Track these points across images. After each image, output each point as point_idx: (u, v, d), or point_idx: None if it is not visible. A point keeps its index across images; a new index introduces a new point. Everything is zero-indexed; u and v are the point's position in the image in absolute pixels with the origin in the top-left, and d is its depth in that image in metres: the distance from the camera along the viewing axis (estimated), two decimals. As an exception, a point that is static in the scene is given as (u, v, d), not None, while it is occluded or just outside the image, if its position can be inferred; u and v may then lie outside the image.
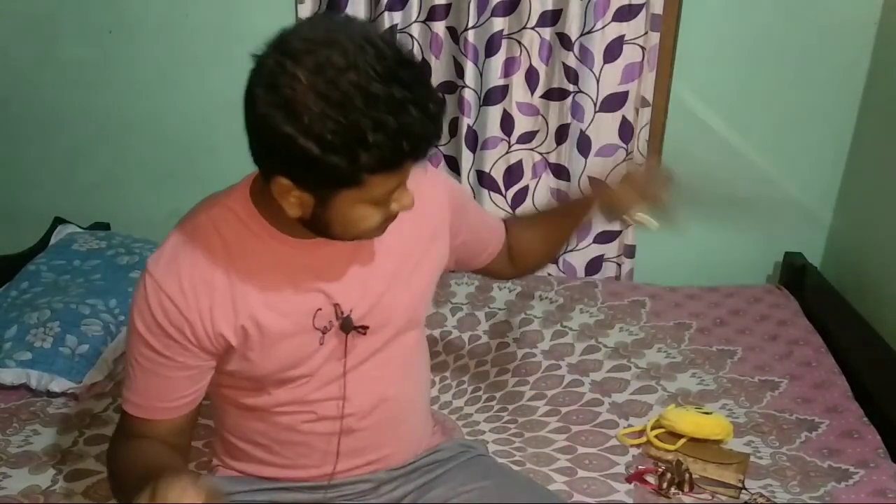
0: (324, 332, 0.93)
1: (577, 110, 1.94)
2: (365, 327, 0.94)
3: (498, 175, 2.04)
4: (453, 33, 1.94)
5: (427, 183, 0.98)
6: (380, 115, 0.72)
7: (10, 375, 1.55)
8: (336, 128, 0.72)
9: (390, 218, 0.87)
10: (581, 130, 1.96)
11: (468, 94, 1.95)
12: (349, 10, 1.93)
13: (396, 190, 0.83)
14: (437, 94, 0.78)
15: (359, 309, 0.94)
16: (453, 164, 2.07)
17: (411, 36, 1.95)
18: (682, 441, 1.37)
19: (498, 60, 1.91)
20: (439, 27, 1.94)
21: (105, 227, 2.18)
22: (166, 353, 0.89)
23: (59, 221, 2.09)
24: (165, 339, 0.89)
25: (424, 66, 0.83)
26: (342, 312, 0.93)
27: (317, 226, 0.85)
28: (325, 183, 0.78)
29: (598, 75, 1.90)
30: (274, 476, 1.02)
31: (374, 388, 0.98)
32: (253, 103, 0.76)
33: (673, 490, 1.26)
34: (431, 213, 1.00)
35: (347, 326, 0.93)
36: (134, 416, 0.94)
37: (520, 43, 1.91)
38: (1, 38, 2.11)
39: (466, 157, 2.03)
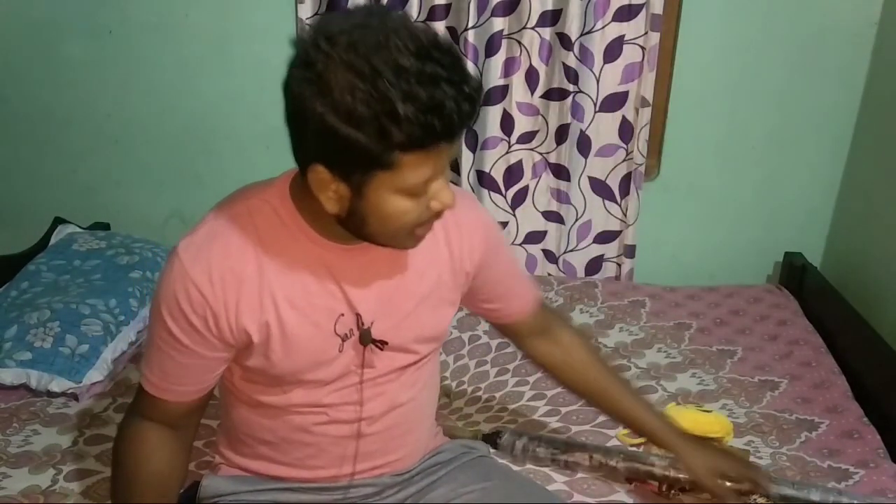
0: (343, 340, 0.92)
1: (577, 110, 1.94)
2: (384, 342, 0.93)
3: (498, 175, 2.04)
4: (453, 33, 1.94)
5: (466, 208, 0.97)
6: (410, 88, 0.71)
7: (10, 375, 1.55)
8: (366, 99, 0.71)
9: (430, 219, 0.84)
10: (581, 130, 1.96)
11: (468, 94, 1.95)
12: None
13: (433, 182, 0.80)
14: (474, 78, 0.76)
15: (381, 323, 0.93)
16: (453, 165, 2.07)
17: (411, 36, 1.95)
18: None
19: (498, 60, 1.91)
20: (439, 27, 1.94)
21: (105, 227, 2.18)
22: (185, 340, 0.88)
23: (59, 221, 2.09)
24: (187, 327, 0.87)
25: (459, 53, 0.81)
26: (362, 323, 0.92)
27: (354, 222, 0.83)
28: (357, 165, 0.76)
29: (598, 75, 1.90)
30: (279, 475, 1.01)
31: (387, 394, 0.98)
32: (289, 84, 0.76)
33: (673, 491, 1.26)
34: (465, 242, 0.98)
35: (366, 338, 0.92)
36: (149, 393, 0.94)
37: (520, 43, 1.91)
38: (1, 39, 2.11)
39: (466, 157, 2.03)
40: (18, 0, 2.07)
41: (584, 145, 1.97)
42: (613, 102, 1.93)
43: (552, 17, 1.88)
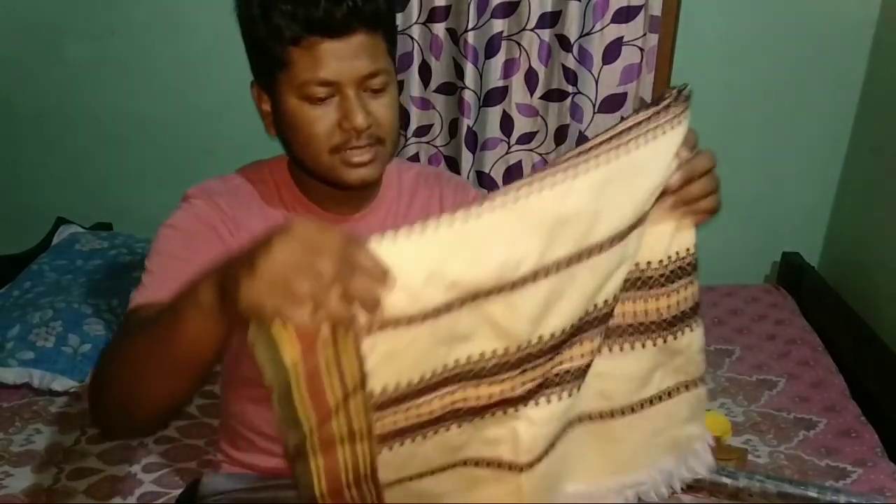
0: None
1: (576, 111, 1.95)
2: None
3: (497, 176, 2.05)
4: (453, 35, 1.95)
5: (454, 188, 1.00)
6: None
7: (13, 375, 1.56)
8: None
9: (347, 140, 0.84)
10: (580, 131, 1.97)
11: (468, 96, 1.96)
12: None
13: (338, 97, 0.83)
14: None
15: None
16: (453, 165, 2.08)
17: (412, 37, 1.96)
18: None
19: (497, 62, 1.92)
20: (439, 29, 1.95)
21: (107, 227, 2.18)
22: (192, 242, 0.87)
23: (61, 221, 2.09)
24: (198, 225, 0.88)
25: None
26: None
27: (287, 147, 0.90)
28: (265, 67, 0.85)
29: (597, 77, 1.91)
30: (276, 467, 1.02)
31: None
32: None
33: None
34: None
35: None
36: (141, 304, 0.80)
37: (519, 44, 1.92)
38: (3, 39, 2.12)
39: (466, 158, 2.04)
40: (20, 1, 2.08)
41: (583, 146, 1.98)
42: (612, 104, 1.94)
43: (551, 19, 1.89)
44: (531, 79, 1.95)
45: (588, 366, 0.71)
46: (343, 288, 0.51)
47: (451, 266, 0.57)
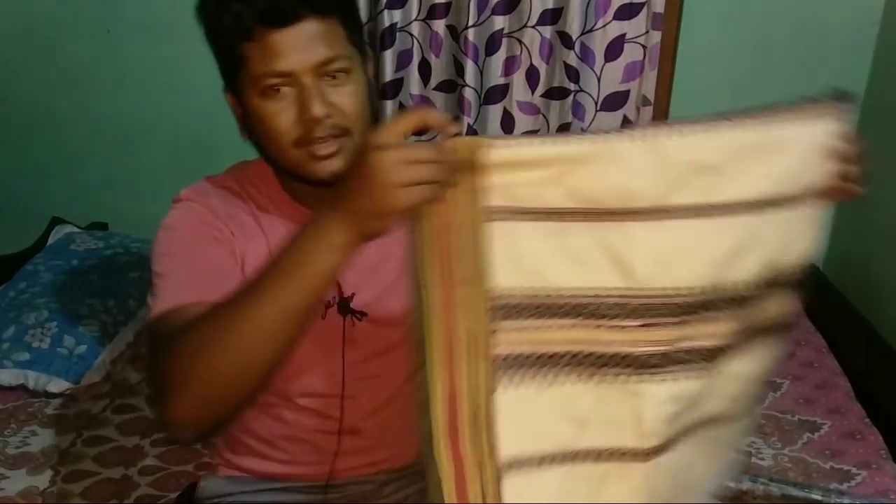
0: (327, 308, 0.92)
1: (577, 109, 1.94)
2: (363, 314, 0.93)
3: (498, 174, 2.04)
4: (453, 32, 1.94)
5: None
6: None
7: (8, 376, 1.55)
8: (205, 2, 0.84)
9: (310, 133, 0.83)
10: (582, 129, 1.95)
11: (468, 93, 1.94)
12: (349, 9, 1.93)
13: (296, 87, 0.82)
14: None
15: (363, 294, 0.93)
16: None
17: (411, 34, 1.95)
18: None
19: (498, 59, 1.91)
20: (439, 25, 1.93)
21: (103, 227, 2.17)
22: (197, 240, 0.88)
23: (57, 221, 2.08)
24: (197, 223, 0.89)
25: None
26: (343, 292, 0.92)
27: (260, 148, 0.89)
28: (226, 67, 0.87)
29: (599, 74, 1.90)
30: (273, 472, 1.01)
31: (379, 387, 0.97)
32: None
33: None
34: None
35: (345, 308, 0.92)
36: (174, 307, 0.78)
37: (520, 41, 1.91)
38: (0, 38, 2.11)
39: (467, 157, 2.02)
40: (18, 1, 2.07)
41: (584, 145, 1.97)
42: (614, 101, 1.93)
43: (553, 16, 1.88)
44: (532, 76, 1.94)
45: (719, 350, 0.68)
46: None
47: (573, 175, 0.61)
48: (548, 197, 0.61)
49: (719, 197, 0.64)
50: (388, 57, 1.94)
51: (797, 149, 0.67)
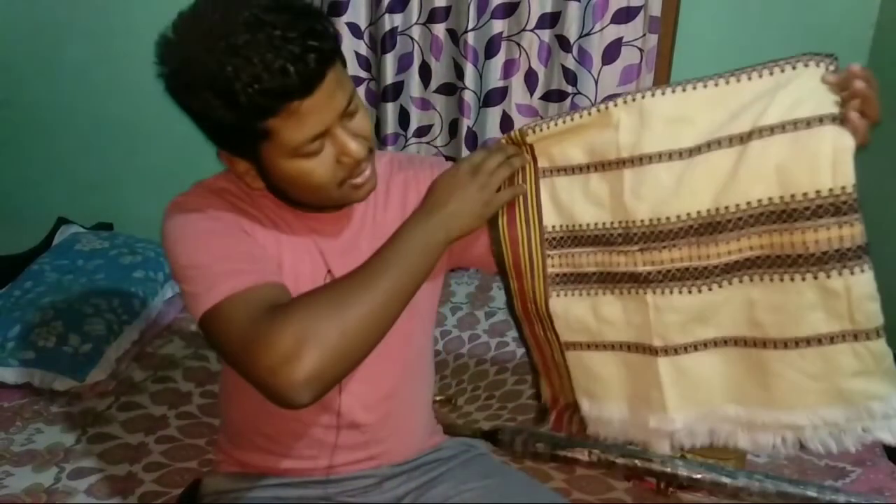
0: None
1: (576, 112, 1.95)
2: None
3: (498, 176, 2.05)
4: (453, 35, 1.96)
5: (431, 169, 0.98)
6: (240, 60, 0.74)
7: (14, 374, 1.56)
8: (209, 83, 0.76)
9: (350, 171, 0.84)
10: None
11: (468, 96, 1.96)
12: (350, 12, 1.94)
13: (328, 137, 0.81)
14: (319, 24, 0.77)
15: None
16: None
17: (412, 38, 1.96)
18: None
19: (497, 62, 1.92)
20: (439, 29, 1.95)
21: (108, 227, 2.19)
22: (223, 222, 0.88)
23: (62, 222, 2.10)
24: (214, 210, 0.89)
25: (304, 5, 0.79)
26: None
27: (280, 193, 0.88)
28: (240, 142, 0.81)
29: (596, 77, 1.91)
30: (274, 466, 1.02)
31: (378, 382, 0.99)
32: (167, 86, 0.83)
33: (671, 488, 1.27)
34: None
35: None
36: (227, 298, 0.79)
37: (519, 45, 1.93)
38: (3, 40, 2.13)
39: (466, 158, 2.04)
40: (20, 2, 2.09)
41: (583, 146, 1.98)
42: (612, 104, 1.94)
43: (551, 20, 1.90)
44: (531, 79, 1.96)
45: (728, 266, 0.82)
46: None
47: (586, 137, 0.89)
48: (572, 156, 0.90)
49: (687, 142, 0.83)
50: (389, 60, 1.96)
51: (794, 84, 0.83)
